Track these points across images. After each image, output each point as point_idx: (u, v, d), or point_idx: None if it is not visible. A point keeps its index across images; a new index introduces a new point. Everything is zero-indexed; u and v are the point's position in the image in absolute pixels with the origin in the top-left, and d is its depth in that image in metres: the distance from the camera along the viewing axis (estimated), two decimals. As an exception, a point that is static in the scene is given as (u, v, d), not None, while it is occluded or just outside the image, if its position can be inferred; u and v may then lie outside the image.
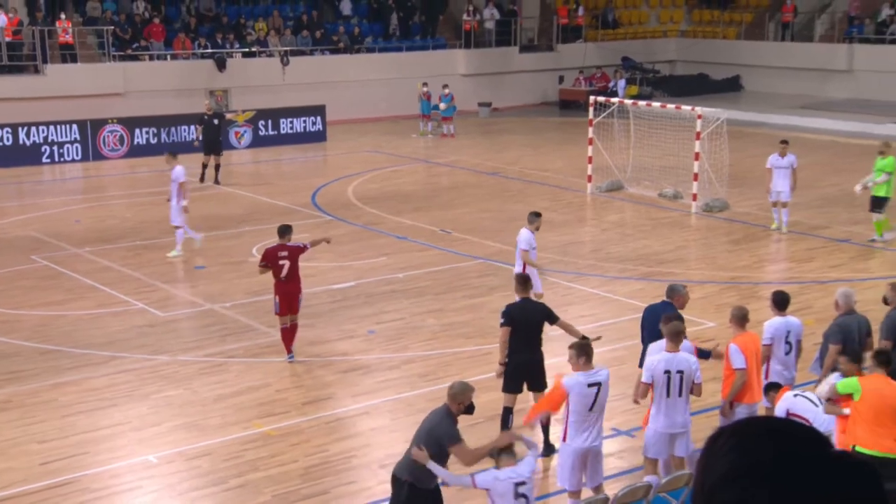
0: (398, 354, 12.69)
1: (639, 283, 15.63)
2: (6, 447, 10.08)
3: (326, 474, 9.56)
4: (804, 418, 8.53)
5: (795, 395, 8.74)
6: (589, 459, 8.48)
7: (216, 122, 23.10)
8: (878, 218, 17.71)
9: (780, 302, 9.89)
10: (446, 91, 29.57)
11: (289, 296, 12.26)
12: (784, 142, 18.62)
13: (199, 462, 9.81)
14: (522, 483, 7.31)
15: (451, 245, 17.83)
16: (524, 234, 13.41)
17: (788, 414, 8.62)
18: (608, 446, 10.11)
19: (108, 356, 12.54)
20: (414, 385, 11.73)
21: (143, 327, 13.62)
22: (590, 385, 8.29)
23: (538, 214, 13.73)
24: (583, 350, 8.45)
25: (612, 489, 8.76)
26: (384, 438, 10.45)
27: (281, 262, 12.18)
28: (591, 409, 8.33)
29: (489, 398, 11.29)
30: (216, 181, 22.91)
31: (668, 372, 8.59)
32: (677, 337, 8.74)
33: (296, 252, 12.29)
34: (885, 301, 10.27)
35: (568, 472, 8.45)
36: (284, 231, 12.49)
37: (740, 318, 9.35)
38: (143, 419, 10.75)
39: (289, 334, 12.41)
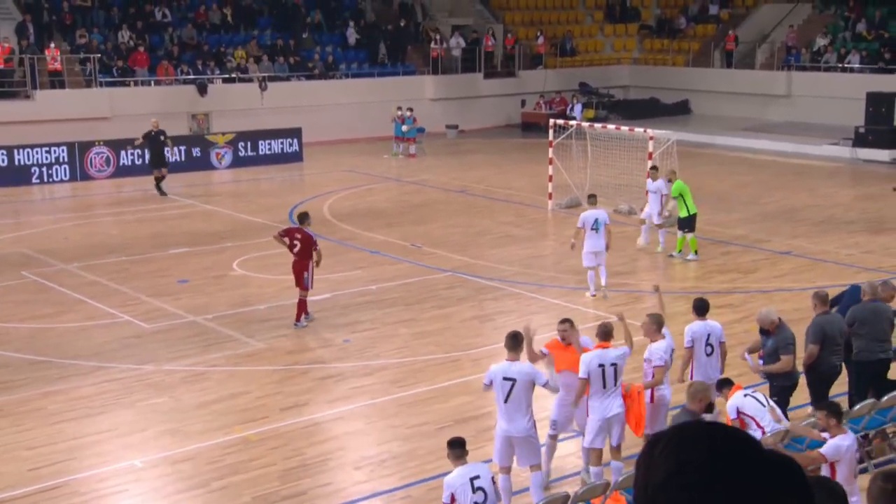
0: (372, 362, 12.62)
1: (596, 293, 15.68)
2: (-3, 454, 9.89)
3: (304, 476, 9.47)
4: (753, 417, 8.59)
5: (745, 395, 8.79)
6: (515, 444, 8.56)
7: (161, 137, 23.53)
8: (690, 236, 17.48)
9: (700, 308, 10.06)
10: (409, 113, 29.67)
11: (297, 271, 13.68)
12: (653, 167, 18.27)
13: (182, 466, 9.68)
14: (477, 477, 7.29)
15: (421, 259, 17.80)
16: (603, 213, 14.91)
17: (738, 412, 8.67)
18: (568, 447, 10.12)
19: (95, 366, 12.35)
20: (387, 391, 11.67)
21: (129, 338, 13.44)
22: (504, 378, 8.40)
23: (591, 196, 15.70)
24: (506, 341, 8.62)
25: (571, 487, 8.77)
26: (359, 441, 10.38)
27: (295, 242, 13.63)
28: (505, 400, 8.39)
29: (460, 402, 11.27)
30: (163, 192, 23.34)
31: (601, 365, 8.76)
32: (608, 336, 8.97)
33: (308, 239, 13.62)
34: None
35: (496, 452, 8.67)
36: (303, 218, 13.94)
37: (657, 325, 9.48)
38: (129, 426, 10.59)
39: (299, 304, 13.80)
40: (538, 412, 9.02)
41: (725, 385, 9.03)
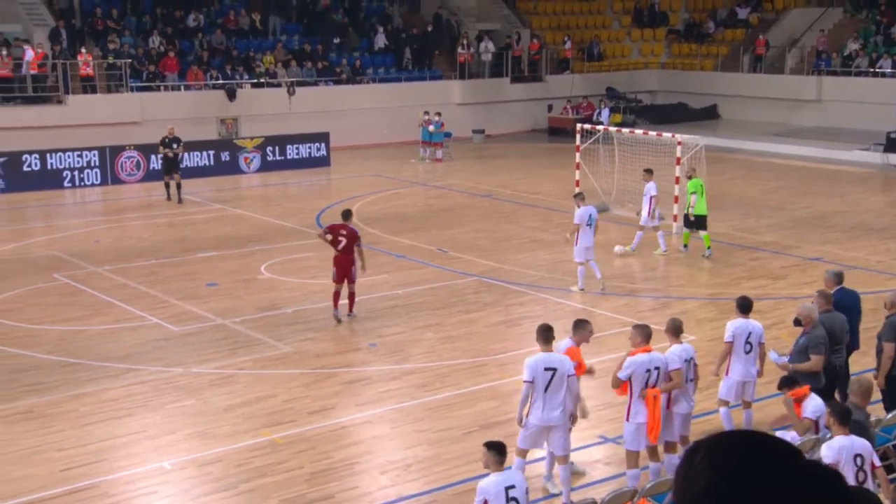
0: (398, 366, 12.63)
1: (623, 299, 15.61)
2: (28, 455, 10.00)
3: (331, 480, 9.49)
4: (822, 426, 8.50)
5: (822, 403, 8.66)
6: (550, 432, 8.76)
7: (175, 145, 23.45)
8: (685, 230, 18.20)
9: (744, 306, 10.11)
10: (437, 118, 29.75)
11: (344, 266, 14.01)
12: (647, 170, 18.57)
13: (210, 468, 9.73)
14: (512, 486, 7.25)
15: (448, 263, 17.80)
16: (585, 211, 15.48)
17: (816, 416, 8.56)
18: (595, 453, 10.08)
19: (124, 368, 12.46)
20: (413, 395, 11.67)
21: (158, 341, 13.55)
22: (546, 368, 8.61)
23: (578, 195, 16.08)
24: (539, 334, 8.85)
25: (598, 494, 8.71)
26: (385, 446, 10.39)
27: (340, 238, 13.97)
28: (545, 389, 8.60)
29: (486, 406, 11.24)
30: (179, 200, 23.24)
31: (648, 370, 8.77)
32: (648, 339, 9.00)
33: (353, 234, 14.07)
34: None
35: (528, 437, 8.78)
36: (347, 215, 14.40)
37: (675, 330, 9.44)
38: (158, 428, 10.67)
39: (339, 298, 14.15)
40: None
41: (787, 384, 8.88)
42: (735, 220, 21.26)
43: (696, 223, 17.89)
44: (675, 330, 9.40)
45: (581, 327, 9.28)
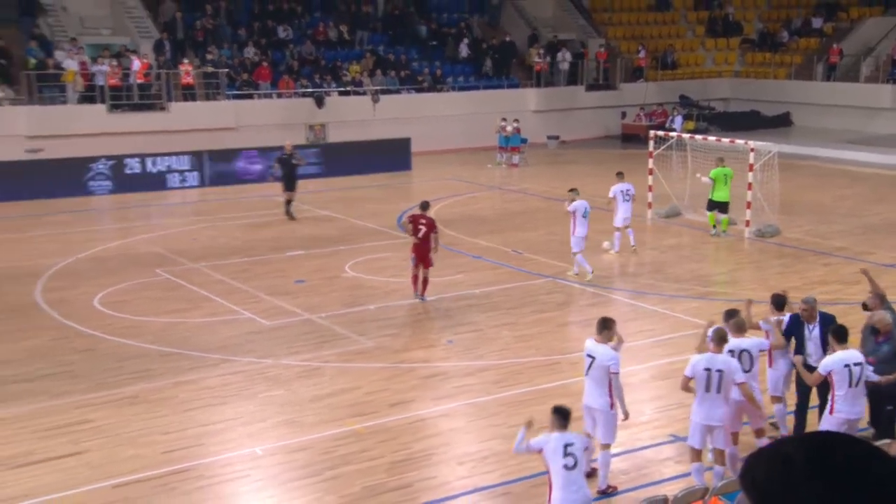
0: (474, 362, 12.70)
1: (695, 302, 15.38)
2: (135, 437, 10.39)
3: (410, 469, 9.61)
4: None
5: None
6: (596, 417, 8.95)
7: (293, 161, 22.35)
8: (723, 217, 19.67)
9: (779, 304, 10.30)
10: (515, 124, 29.77)
11: (422, 252, 14.79)
12: (618, 173, 19.03)
13: (297, 455, 9.95)
14: (571, 444, 7.41)
15: (522, 264, 17.80)
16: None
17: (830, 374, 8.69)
18: (667, 451, 9.99)
19: (220, 359, 12.83)
20: (488, 391, 11.72)
21: (251, 334, 13.89)
22: (588, 355, 8.93)
23: (573, 190, 17.05)
24: (598, 324, 9.10)
25: (670, 491, 8.63)
26: (461, 438, 10.47)
27: (420, 227, 14.76)
28: (586, 373, 8.92)
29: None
30: (289, 214, 21.99)
31: (707, 370, 8.64)
32: (722, 342, 8.86)
33: (431, 223, 14.84)
34: (865, 307, 10.16)
35: (584, 418, 9.02)
36: (425, 206, 15.17)
37: (736, 329, 9.38)
38: (251, 415, 10.96)
39: (417, 280, 15.00)
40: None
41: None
42: (807, 226, 20.73)
43: (717, 207, 19.44)
44: (737, 329, 9.35)
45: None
